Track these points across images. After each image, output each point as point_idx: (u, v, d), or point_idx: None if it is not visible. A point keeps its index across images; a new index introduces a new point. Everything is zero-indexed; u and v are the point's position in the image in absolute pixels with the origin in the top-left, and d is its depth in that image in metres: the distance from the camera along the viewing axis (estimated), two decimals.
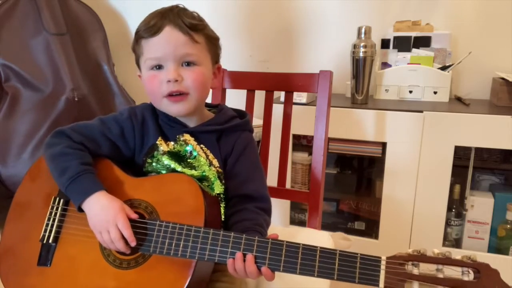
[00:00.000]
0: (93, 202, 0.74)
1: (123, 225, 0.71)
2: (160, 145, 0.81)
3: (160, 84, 0.76)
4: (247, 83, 1.17)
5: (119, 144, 0.82)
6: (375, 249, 1.51)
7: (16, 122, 1.64)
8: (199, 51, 0.77)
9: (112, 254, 0.75)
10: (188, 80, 0.76)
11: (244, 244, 0.67)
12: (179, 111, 0.79)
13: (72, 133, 0.80)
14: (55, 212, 0.81)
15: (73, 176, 0.74)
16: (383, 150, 1.47)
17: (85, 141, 0.80)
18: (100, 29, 1.91)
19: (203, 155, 0.81)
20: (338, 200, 1.70)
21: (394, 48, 1.63)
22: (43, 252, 0.79)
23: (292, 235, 1.05)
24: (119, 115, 0.84)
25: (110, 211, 0.72)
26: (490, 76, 1.60)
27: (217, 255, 0.68)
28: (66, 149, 0.77)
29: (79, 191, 0.74)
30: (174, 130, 0.82)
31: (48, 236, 0.80)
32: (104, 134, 0.81)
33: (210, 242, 0.68)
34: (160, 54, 0.75)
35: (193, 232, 0.69)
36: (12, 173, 1.61)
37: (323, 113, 1.07)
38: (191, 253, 0.69)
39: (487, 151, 1.52)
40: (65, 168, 0.75)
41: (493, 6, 1.58)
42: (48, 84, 1.69)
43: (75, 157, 0.76)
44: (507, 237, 1.43)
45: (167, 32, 0.75)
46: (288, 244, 0.66)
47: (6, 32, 1.67)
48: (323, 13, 1.79)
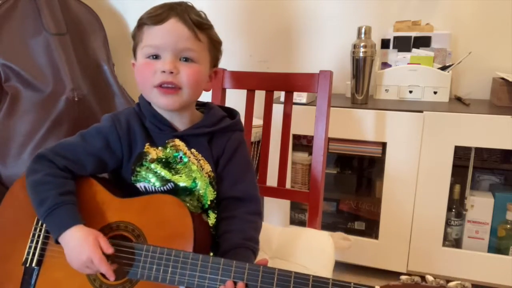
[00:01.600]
0: (69, 237, 0.71)
1: (99, 263, 0.69)
2: (148, 153, 0.78)
3: (153, 73, 0.74)
4: (247, 83, 1.17)
5: (105, 157, 0.79)
6: (375, 249, 1.51)
7: (16, 122, 1.64)
8: (200, 49, 0.76)
9: (99, 279, 0.73)
10: (183, 75, 0.74)
11: (235, 272, 0.66)
12: (167, 104, 0.75)
13: (55, 157, 0.76)
14: (38, 234, 0.78)
15: (51, 207, 0.72)
16: (383, 150, 1.46)
17: (69, 164, 0.77)
18: (100, 29, 1.91)
19: (195, 161, 0.79)
20: (338, 200, 1.70)
21: (394, 48, 1.63)
22: (26, 276, 0.76)
23: (292, 236, 1.05)
24: (102, 126, 0.80)
25: (85, 248, 0.69)
26: (490, 76, 1.60)
27: (206, 282, 0.66)
28: (46, 177, 0.74)
29: (56, 224, 0.72)
30: (163, 134, 0.80)
31: (31, 259, 0.76)
32: (87, 151, 0.78)
33: (199, 268, 0.67)
34: (160, 43, 0.73)
35: (182, 257, 0.68)
36: (12, 173, 1.61)
37: (323, 113, 1.07)
38: (180, 279, 0.67)
39: (487, 151, 1.52)
40: (43, 198, 0.73)
41: (493, 6, 1.58)
42: (48, 84, 1.68)
43: (54, 186, 0.74)
44: (507, 237, 1.43)
45: (172, 23, 0.73)
46: (280, 272, 0.64)
47: (6, 32, 1.67)
48: (323, 13, 1.79)
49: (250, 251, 0.75)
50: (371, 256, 1.53)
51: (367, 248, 1.52)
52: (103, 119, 0.81)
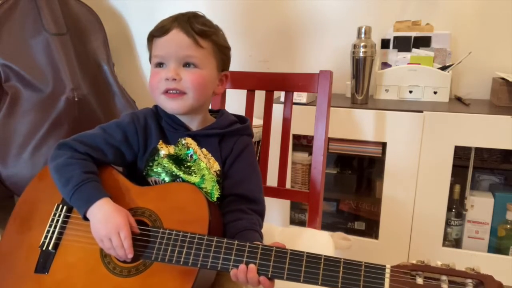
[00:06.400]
0: (97, 209, 0.74)
1: (125, 236, 0.71)
2: (161, 149, 0.82)
3: (160, 81, 0.79)
4: (247, 83, 1.17)
5: (123, 150, 0.83)
6: (375, 249, 1.51)
7: (16, 122, 1.64)
8: (203, 55, 0.79)
9: (113, 262, 0.74)
10: (186, 80, 0.78)
11: (248, 252, 0.67)
12: (173, 108, 0.80)
13: (76, 144, 0.81)
14: (57, 219, 0.81)
15: (77, 185, 0.75)
16: (383, 150, 1.46)
17: (90, 151, 0.81)
18: (100, 29, 1.91)
19: (204, 159, 0.83)
20: (338, 200, 1.70)
21: (394, 48, 1.63)
22: (42, 259, 0.78)
23: (292, 235, 1.05)
24: (121, 121, 0.85)
25: (116, 219, 0.72)
26: (490, 76, 1.60)
27: (220, 262, 0.68)
28: (69, 159, 0.78)
29: (83, 199, 0.75)
30: (177, 133, 0.84)
31: (48, 243, 0.79)
32: (107, 141, 0.82)
33: (213, 249, 0.68)
34: (163, 53, 0.79)
35: (197, 239, 0.69)
36: (12, 173, 1.61)
37: (323, 113, 1.07)
38: (194, 260, 0.68)
39: (487, 151, 1.52)
40: (68, 178, 0.76)
41: (493, 6, 1.58)
42: (48, 84, 1.68)
43: (78, 166, 0.77)
44: (507, 237, 1.44)
45: (173, 34, 0.78)
46: (292, 252, 0.65)
47: (6, 32, 1.67)
48: (323, 13, 1.79)
49: (258, 234, 0.77)
50: (371, 256, 1.52)
51: (367, 248, 1.52)
52: (122, 116, 0.86)
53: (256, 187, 0.86)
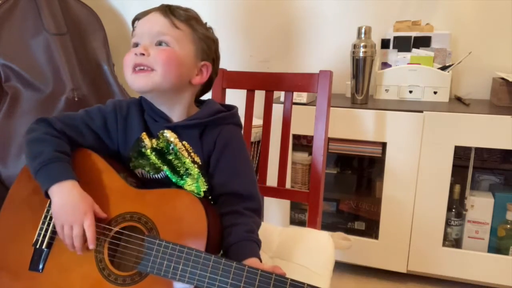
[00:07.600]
0: (63, 190, 0.72)
1: (89, 225, 0.71)
2: (144, 139, 0.80)
3: (130, 58, 0.77)
4: (247, 83, 1.17)
5: (102, 136, 0.83)
6: (375, 249, 1.51)
7: (16, 122, 1.64)
8: (178, 35, 0.77)
9: (108, 268, 0.72)
10: (154, 56, 0.76)
11: (246, 277, 0.65)
12: (139, 84, 0.76)
13: (55, 121, 0.80)
14: (51, 216, 0.78)
15: (45, 161, 0.73)
16: (383, 150, 1.46)
17: (67, 129, 0.80)
18: (100, 29, 1.91)
19: (185, 153, 0.80)
20: (338, 200, 1.70)
21: (394, 48, 1.63)
22: (35, 257, 0.77)
23: (292, 236, 1.05)
24: (104, 107, 0.84)
25: (80, 206, 0.71)
26: (490, 76, 1.60)
27: (216, 284, 0.66)
28: (43, 135, 0.77)
29: (49, 176, 0.73)
30: (158, 125, 0.82)
31: (42, 241, 0.77)
32: (87, 124, 0.82)
33: (210, 270, 0.66)
34: (139, 31, 0.79)
35: (193, 256, 0.67)
36: (12, 173, 1.61)
37: (323, 113, 1.07)
38: (190, 278, 0.67)
39: (487, 151, 1.52)
40: (38, 153, 0.74)
41: (493, 6, 1.58)
42: (48, 84, 1.69)
43: (50, 143, 0.76)
44: (507, 237, 1.44)
45: (151, 15, 0.79)
46: (292, 282, 0.63)
47: (6, 32, 1.67)
48: (323, 13, 1.79)
49: (255, 243, 0.75)
50: (371, 256, 1.53)
51: (367, 248, 1.52)
52: (107, 102, 0.86)
53: (248, 181, 0.82)
